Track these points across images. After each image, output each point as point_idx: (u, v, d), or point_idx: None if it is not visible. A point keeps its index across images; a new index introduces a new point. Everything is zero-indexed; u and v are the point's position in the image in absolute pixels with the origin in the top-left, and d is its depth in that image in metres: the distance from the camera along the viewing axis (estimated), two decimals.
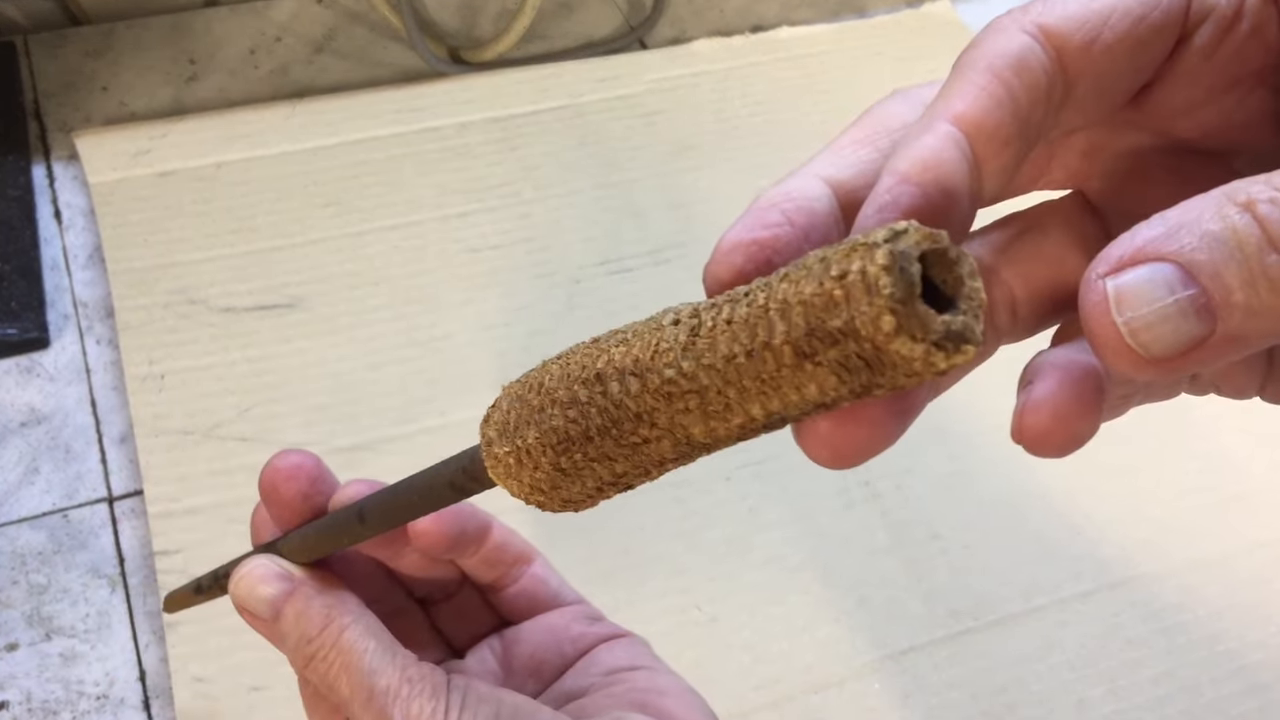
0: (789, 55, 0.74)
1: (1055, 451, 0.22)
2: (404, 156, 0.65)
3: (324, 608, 0.29)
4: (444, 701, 0.27)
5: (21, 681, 0.46)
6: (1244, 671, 0.51)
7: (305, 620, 0.29)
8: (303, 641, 0.28)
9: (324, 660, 0.28)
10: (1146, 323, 0.18)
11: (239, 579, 0.30)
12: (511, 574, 0.35)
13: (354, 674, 0.28)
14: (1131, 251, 0.18)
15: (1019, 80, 0.21)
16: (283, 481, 0.31)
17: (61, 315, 0.57)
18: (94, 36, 0.69)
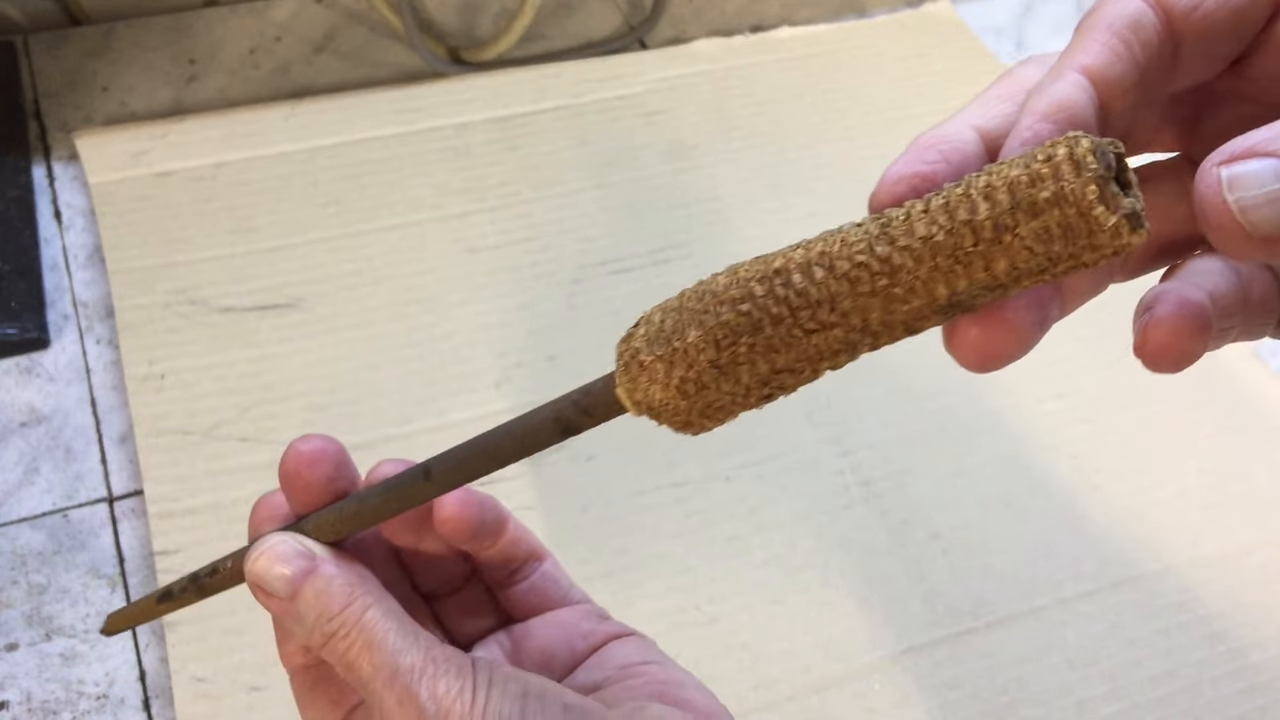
0: (789, 55, 0.74)
1: (1171, 366, 0.26)
2: (404, 156, 0.65)
3: (346, 585, 0.28)
4: (470, 680, 0.27)
5: (21, 681, 0.46)
6: (1245, 671, 0.51)
7: (326, 598, 0.28)
8: (323, 619, 0.28)
9: (345, 638, 0.28)
10: (1255, 203, 0.20)
11: (257, 555, 0.29)
12: (524, 570, 0.35)
13: (377, 652, 0.27)
14: (1245, 148, 0.21)
15: (1135, 38, 0.24)
16: (306, 466, 0.30)
17: (61, 315, 0.57)
18: (94, 36, 0.69)
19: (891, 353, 0.63)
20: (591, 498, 0.52)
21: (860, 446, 0.56)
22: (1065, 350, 0.61)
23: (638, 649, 0.34)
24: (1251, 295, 0.27)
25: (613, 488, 0.53)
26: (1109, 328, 0.62)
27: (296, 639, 0.29)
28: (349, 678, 0.28)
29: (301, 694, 0.32)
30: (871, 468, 0.55)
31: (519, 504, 0.52)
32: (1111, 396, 0.59)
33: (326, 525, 0.30)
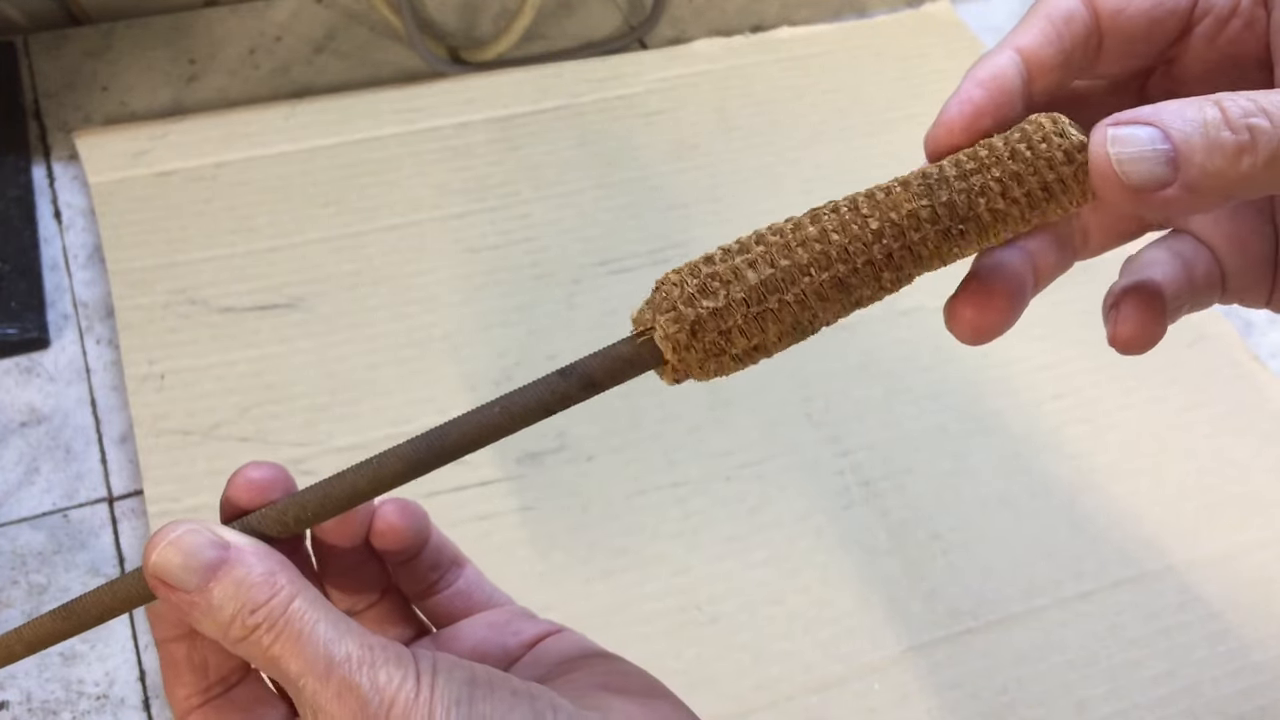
0: (789, 55, 0.74)
1: (1139, 349, 0.31)
2: (404, 156, 0.65)
3: (267, 574, 0.26)
4: (413, 668, 0.26)
5: (21, 681, 0.46)
6: (1245, 671, 0.51)
7: (248, 588, 0.26)
8: (244, 612, 0.26)
9: (270, 631, 0.26)
10: (1130, 158, 0.25)
11: (163, 545, 0.26)
12: (446, 578, 0.34)
13: (307, 645, 0.25)
14: (1130, 115, 0.26)
15: (1066, 28, 0.30)
16: (258, 494, 0.29)
17: (61, 315, 0.57)
18: (94, 36, 0.69)
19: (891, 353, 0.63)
20: (591, 498, 0.52)
21: (860, 446, 0.56)
22: (1065, 352, 0.61)
23: (573, 643, 0.33)
24: (1195, 275, 0.32)
25: (613, 488, 0.53)
26: None
27: (208, 634, 0.27)
28: (274, 674, 0.26)
29: (173, 674, 0.30)
30: (871, 468, 0.55)
31: (519, 504, 0.52)
32: (1111, 397, 0.59)
33: (273, 517, 0.28)
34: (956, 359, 0.59)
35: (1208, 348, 0.62)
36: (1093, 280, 0.64)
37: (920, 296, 0.62)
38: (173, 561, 0.26)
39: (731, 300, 0.26)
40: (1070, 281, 0.64)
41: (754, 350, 0.27)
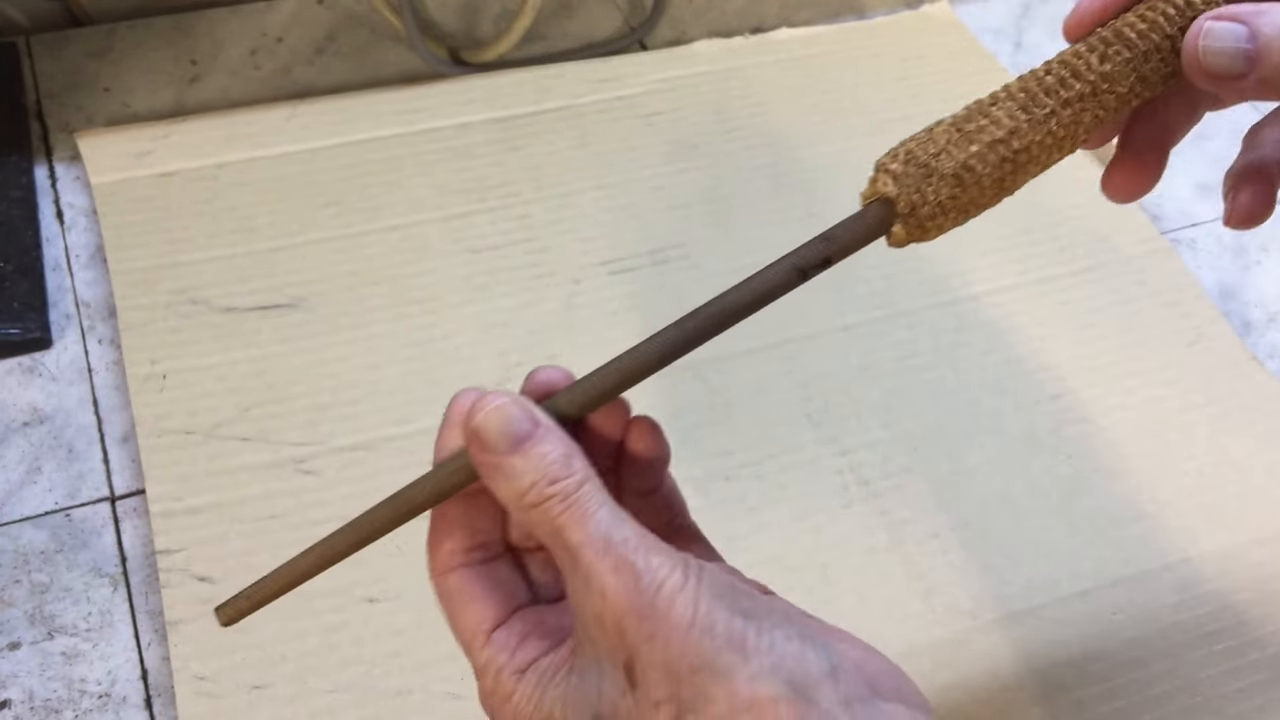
0: (789, 56, 0.74)
1: (1250, 226, 0.36)
2: (405, 157, 0.65)
3: (566, 455, 0.29)
4: (681, 560, 0.27)
5: (24, 680, 0.46)
6: (1242, 670, 0.51)
7: (548, 462, 0.28)
8: (543, 482, 0.28)
9: (562, 501, 0.28)
10: (1214, 50, 0.30)
11: (489, 409, 0.30)
12: (675, 522, 0.36)
13: (591, 520, 0.28)
14: (1231, 12, 0.30)
15: None
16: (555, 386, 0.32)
17: (64, 315, 0.57)
18: (96, 37, 0.69)
19: (891, 353, 0.64)
20: None
21: (860, 446, 0.56)
22: (1064, 352, 0.61)
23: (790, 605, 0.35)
24: None
25: None
26: (1108, 329, 0.62)
27: (501, 496, 0.29)
28: (553, 542, 0.28)
29: (457, 594, 0.31)
30: (871, 467, 0.55)
31: None
32: (1110, 397, 0.59)
33: (563, 403, 0.31)
34: (956, 359, 0.59)
35: (1206, 348, 0.62)
36: (1093, 280, 0.64)
37: (920, 297, 0.62)
38: (492, 425, 0.29)
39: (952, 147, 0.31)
40: (1070, 282, 0.64)
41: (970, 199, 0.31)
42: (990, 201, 0.31)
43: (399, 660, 0.47)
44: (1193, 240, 0.69)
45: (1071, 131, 0.31)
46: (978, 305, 0.62)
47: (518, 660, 0.30)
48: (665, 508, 0.36)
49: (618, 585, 0.27)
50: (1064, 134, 0.31)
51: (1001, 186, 0.31)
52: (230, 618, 0.32)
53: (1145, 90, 0.32)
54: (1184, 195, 0.71)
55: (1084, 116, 0.31)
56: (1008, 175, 0.31)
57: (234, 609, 0.32)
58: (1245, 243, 0.69)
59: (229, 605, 0.32)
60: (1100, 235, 0.66)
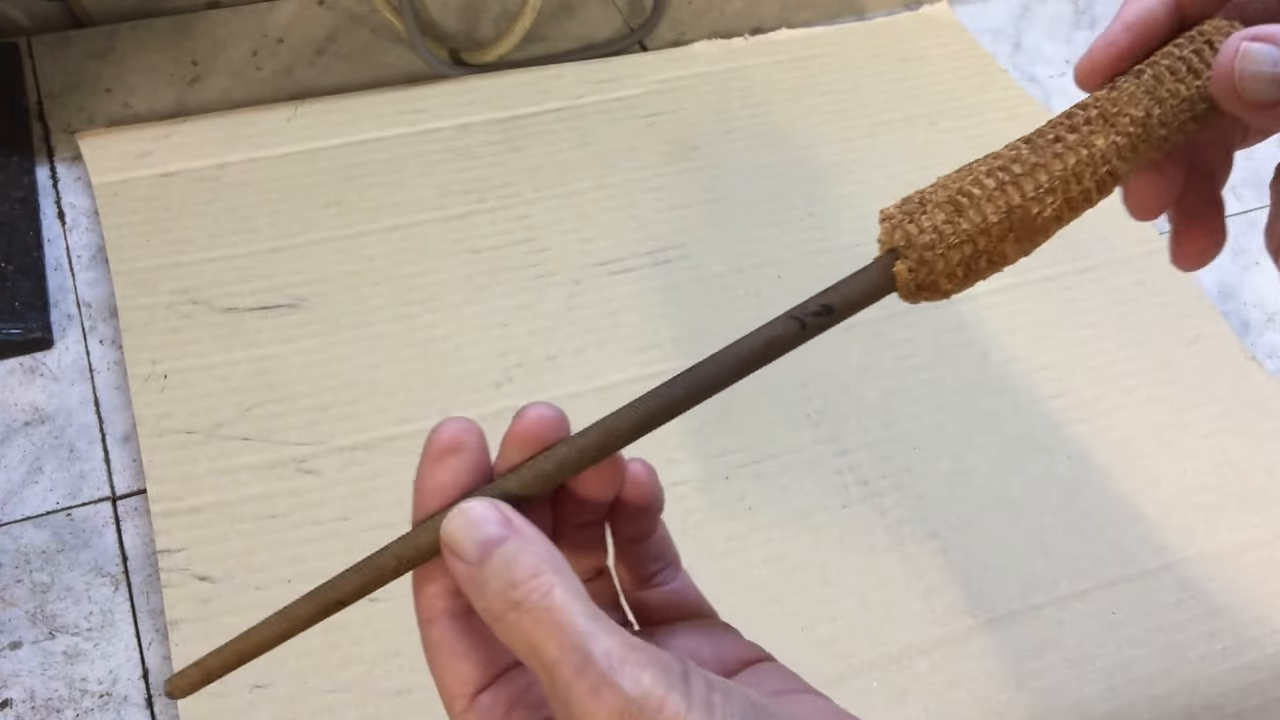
0: (788, 57, 0.74)
1: None
2: (405, 157, 0.65)
3: (534, 558, 0.26)
4: (680, 677, 0.24)
5: (25, 679, 0.46)
6: (1242, 670, 0.51)
7: (514, 566, 0.25)
8: (507, 587, 0.25)
9: (530, 612, 0.25)
10: (1250, 75, 0.27)
11: (455, 514, 0.27)
12: (665, 574, 0.33)
13: (566, 633, 0.24)
14: (1267, 32, 0.27)
15: None
16: (550, 429, 0.28)
17: (65, 315, 0.57)
18: (97, 38, 0.69)
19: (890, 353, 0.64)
20: None
21: (859, 446, 0.56)
22: (1063, 352, 0.61)
23: (785, 676, 0.32)
24: None
25: None
26: (1107, 329, 0.63)
27: (476, 608, 0.26)
28: (530, 659, 0.25)
29: (441, 647, 0.28)
30: (870, 467, 0.55)
31: None
32: (1109, 397, 0.59)
33: (537, 476, 0.28)
34: (956, 359, 0.59)
35: (1205, 348, 0.62)
36: (1092, 280, 0.64)
37: None
38: (460, 530, 0.26)
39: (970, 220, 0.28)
40: (1070, 281, 0.64)
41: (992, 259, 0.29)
42: (1004, 238, 0.29)
43: (399, 660, 0.47)
44: None
45: (1087, 159, 0.29)
46: (977, 305, 0.62)
47: None
48: (656, 557, 0.33)
49: (600, 710, 0.23)
50: (1076, 161, 0.29)
51: (1012, 219, 0.28)
52: (181, 689, 0.30)
53: (1169, 117, 0.29)
54: None
55: (1096, 140, 0.29)
56: (1016, 206, 0.28)
57: (185, 680, 0.30)
58: (1244, 243, 0.69)
59: (179, 677, 0.30)
60: (1100, 235, 0.66)
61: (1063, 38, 0.81)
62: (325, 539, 0.50)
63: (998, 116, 0.72)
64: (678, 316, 0.59)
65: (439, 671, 0.28)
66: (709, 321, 0.59)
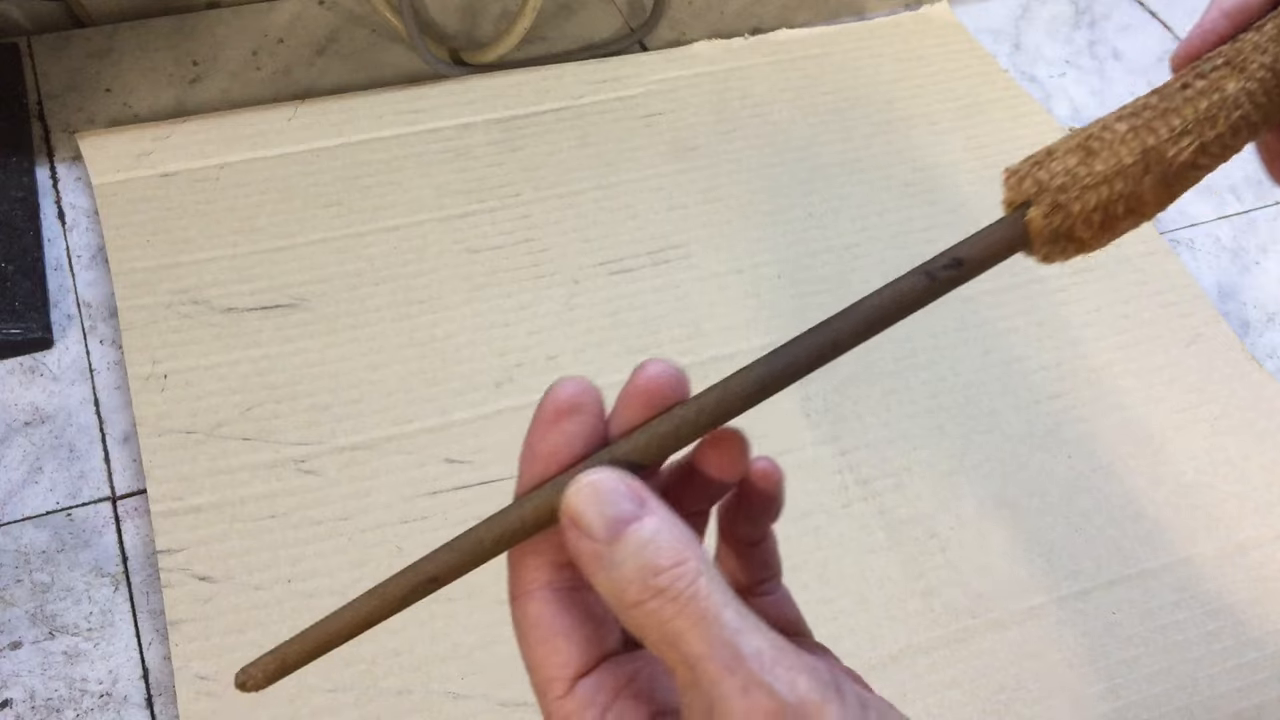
0: (788, 57, 0.74)
1: None
2: (405, 157, 0.65)
3: (676, 541, 0.23)
4: (833, 687, 0.22)
5: (25, 679, 0.46)
6: (1241, 669, 0.51)
7: (654, 550, 0.23)
8: (646, 573, 0.23)
9: (673, 601, 0.23)
10: None
11: (583, 487, 0.24)
12: (770, 584, 0.31)
13: (713, 626, 0.22)
14: None
15: None
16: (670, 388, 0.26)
17: (65, 315, 0.57)
18: (97, 38, 0.69)
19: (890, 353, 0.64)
20: None
21: (859, 446, 0.56)
22: (1063, 351, 0.61)
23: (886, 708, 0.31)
24: None
25: None
26: (1107, 329, 0.63)
27: (601, 590, 0.24)
28: (666, 650, 0.23)
29: (539, 624, 0.26)
30: (870, 467, 0.55)
31: None
32: (1109, 397, 0.59)
33: (654, 441, 0.26)
34: (956, 359, 0.59)
35: (1205, 348, 0.62)
36: (1092, 280, 0.64)
37: None
38: (587, 504, 0.24)
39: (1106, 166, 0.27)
40: (1070, 281, 0.64)
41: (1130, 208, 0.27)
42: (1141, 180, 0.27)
43: (399, 659, 0.47)
44: (1191, 240, 0.69)
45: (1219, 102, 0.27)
46: (978, 305, 0.62)
47: None
48: (763, 565, 0.31)
49: (751, 710, 0.22)
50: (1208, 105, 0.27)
51: (1148, 161, 0.27)
52: (256, 681, 0.27)
53: None
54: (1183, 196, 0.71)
55: (1227, 84, 0.27)
56: (1151, 148, 0.27)
57: (260, 670, 0.27)
58: (1244, 243, 0.69)
59: (253, 667, 0.27)
60: None
61: (1063, 38, 0.81)
62: (325, 539, 0.50)
63: (998, 116, 0.72)
64: (678, 316, 0.59)
65: (534, 651, 0.26)
66: (709, 321, 0.59)
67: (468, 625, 0.48)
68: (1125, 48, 0.80)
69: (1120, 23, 0.82)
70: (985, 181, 0.68)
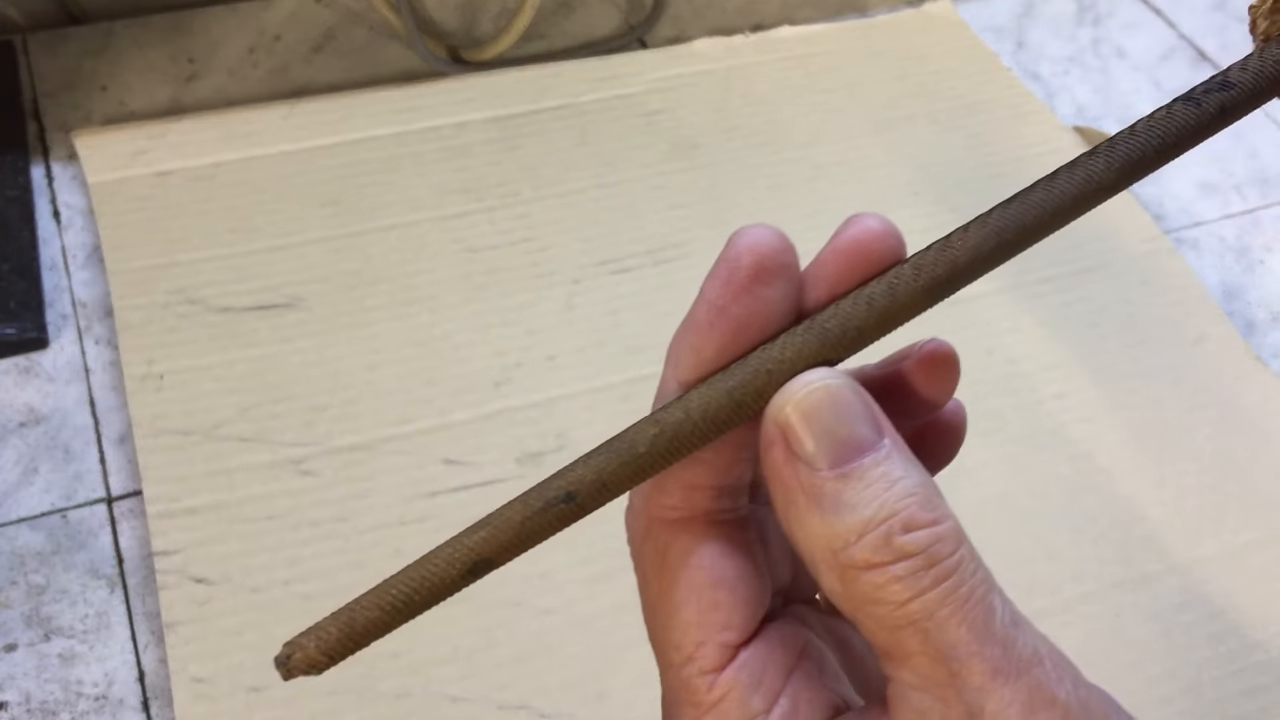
0: (790, 55, 0.74)
1: None
2: (403, 156, 0.65)
3: (928, 490, 0.18)
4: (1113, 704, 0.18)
5: (20, 682, 0.46)
6: (1245, 672, 0.51)
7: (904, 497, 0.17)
8: (894, 527, 0.17)
9: (929, 572, 0.17)
10: None
11: (812, 388, 0.18)
12: None
13: (983, 615, 0.17)
14: None
15: None
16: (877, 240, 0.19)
17: (60, 315, 0.57)
18: (93, 36, 0.69)
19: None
20: None
21: None
22: (1066, 351, 0.61)
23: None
24: None
25: None
26: (1111, 329, 0.62)
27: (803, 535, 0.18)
28: (898, 633, 0.17)
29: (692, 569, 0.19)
30: None
31: None
32: (1112, 397, 0.59)
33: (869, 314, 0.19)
34: None
35: (1210, 348, 0.62)
36: (1095, 280, 0.64)
37: None
38: (814, 418, 0.18)
39: None
40: (1073, 281, 0.64)
41: None
42: None
43: (398, 661, 0.47)
44: (1196, 240, 0.69)
45: None
46: (980, 305, 0.61)
47: None
48: None
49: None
50: None
51: None
52: (301, 665, 0.20)
53: None
54: (1186, 194, 0.71)
55: None
56: None
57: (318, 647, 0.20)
58: (1249, 243, 0.69)
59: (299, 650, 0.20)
60: (1103, 235, 0.66)
61: (1066, 35, 0.80)
62: (323, 540, 0.50)
63: (1001, 115, 0.72)
64: (678, 316, 0.59)
65: (682, 605, 0.19)
66: None
67: (467, 628, 0.48)
68: (1129, 45, 0.80)
69: (1124, 20, 0.82)
70: (988, 181, 0.68)
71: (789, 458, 0.18)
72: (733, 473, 0.20)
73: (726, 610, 0.19)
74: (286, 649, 0.20)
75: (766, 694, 0.19)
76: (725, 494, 0.20)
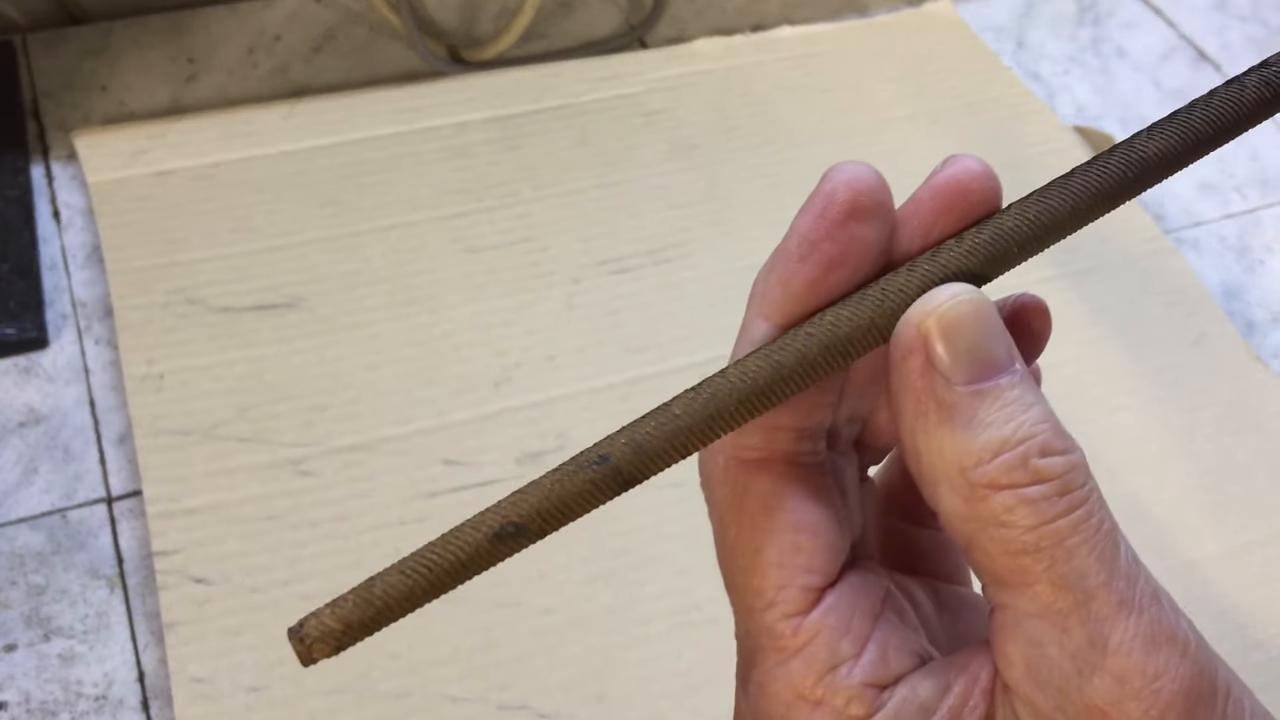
0: (790, 54, 0.74)
1: None
2: (403, 156, 0.65)
3: (1057, 426, 0.17)
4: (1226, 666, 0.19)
5: (20, 682, 0.46)
6: (1245, 672, 0.50)
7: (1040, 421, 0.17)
8: (1030, 449, 0.17)
9: (1063, 499, 0.17)
10: None
11: (959, 300, 0.17)
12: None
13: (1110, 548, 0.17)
14: None
15: None
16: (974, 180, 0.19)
17: (60, 315, 0.57)
18: (93, 35, 0.69)
19: None
20: None
21: None
22: (1067, 351, 0.61)
23: None
24: None
25: None
26: (1111, 329, 0.62)
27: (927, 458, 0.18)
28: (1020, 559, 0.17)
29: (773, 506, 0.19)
30: (870, 467, 0.55)
31: None
32: (1113, 397, 0.59)
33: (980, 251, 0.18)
34: None
35: (1210, 348, 0.62)
36: (1096, 280, 0.64)
37: None
38: (957, 331, 0.17)
39: None
40: (1073, 281, 0.64)
41: None
42: None
43: (397, 662, 0.47)
44: (1196, 240, 0.69)
45: None
46: None
47: (874, 667, 0.18)
48: (953, 556, 0.25)
49: (1161, 674, 0.17)
50: None
51: None
52: (327, 643, 0.19)
53: None
54: (1187, 194, 0.71)
55: None
56: None
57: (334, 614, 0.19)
58: (1249, 242, 0.69)
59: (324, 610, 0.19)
60: (1103, 235, 0.66)
61: (1066, 35, 0.80)
62: (322, 540, 0.50)
63: (1001, 115, 0.72)
64: (678, 316, 0.59)
65: (763, 548, 0.19)
66: (709, 321, 0.59)
67: (466, 627, 0.48)
68: (1129, 45, 0.80)
69: (1124, 20, 0.82)
70: None
71: (926, 369, 0.17)
72: (816, 415, 0.19)
73: (809, 553, 0.19)
74: (301, 620, 0.19)
75: (855, 639, 0.18)
76: (806, 436, 0.19)
